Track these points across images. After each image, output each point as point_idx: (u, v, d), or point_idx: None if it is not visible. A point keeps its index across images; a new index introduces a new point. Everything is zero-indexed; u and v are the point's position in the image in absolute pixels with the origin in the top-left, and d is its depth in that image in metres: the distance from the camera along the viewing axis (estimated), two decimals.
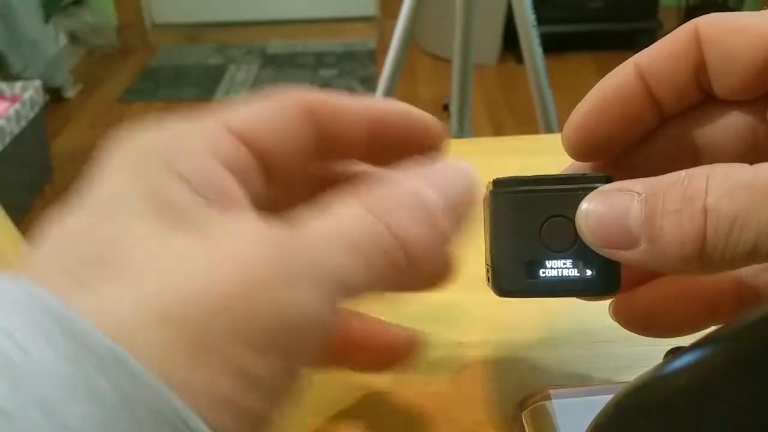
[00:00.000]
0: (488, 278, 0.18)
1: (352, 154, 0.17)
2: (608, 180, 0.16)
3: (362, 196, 0.14)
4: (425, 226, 0.14)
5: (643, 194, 0.15)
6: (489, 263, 0.17)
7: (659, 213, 0.14)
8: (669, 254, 0.14)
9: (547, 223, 0.16)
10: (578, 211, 0.16)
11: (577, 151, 0.18)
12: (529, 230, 0.17)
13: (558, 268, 0.17)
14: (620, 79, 0.18)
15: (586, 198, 0.16)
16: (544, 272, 0.17)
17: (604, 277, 0.17)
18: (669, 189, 0.14)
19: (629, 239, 0.15)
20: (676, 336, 0.19)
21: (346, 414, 0.23)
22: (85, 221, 0.13)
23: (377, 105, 0.17)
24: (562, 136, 0.18)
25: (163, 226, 0.12)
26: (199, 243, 0.12)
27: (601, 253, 0.16)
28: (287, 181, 0.16)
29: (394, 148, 0.17)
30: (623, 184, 0.15)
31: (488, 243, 0.17)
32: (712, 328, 0.15)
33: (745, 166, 0.14)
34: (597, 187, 0.16)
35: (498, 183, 0.17)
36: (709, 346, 0.14)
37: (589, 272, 0.16)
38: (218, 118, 0.15)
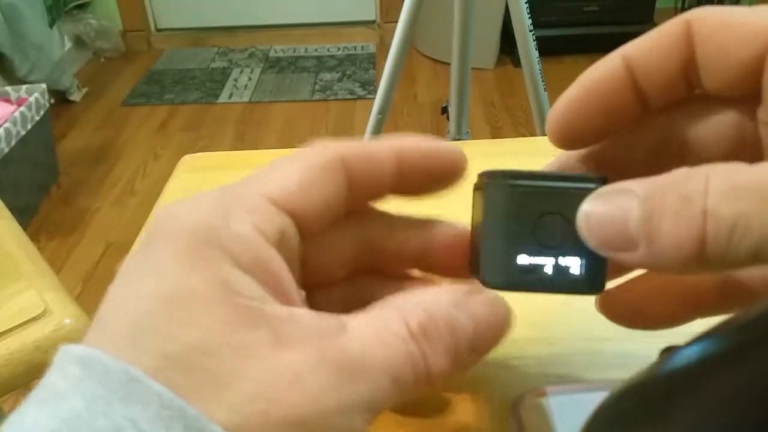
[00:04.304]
0: (472, 269, 0.18)
1: (381, 194, 0.18)
2: (605, 181, 0.16)
3: (405, 308, 0.15)
4: (452, 357, 0.15)
5: (642, 195, 0.14)
6: (478, 254, 0.17)
7: (657, 215, 0.14)
8: (668, 257, 0.14)
9: (541, 219, 0.16)
10: (579, 212, 0.16)
11: (559, 138, 0.18)
12: (523, 224, 0.16)
13: (547, 263, 0.16)
14: (607, 70, 0.17)
15: (587, 199, 0.16)
16: (532, 266, 0.16)
17: (592, 277, 0.16)
18: (668, 190, 0.14)
19: (629, 241, 0.14)
20: (663, 328, 0.19)
21: None
22: (156, 313, 0.14)
23: (405, 144, 0.18)
24: (546, 122, 0.18)
25: (240, 326, 0.14)
26: (276, 354, 0.14)
27: (601, 255, 0.16)
28: (319, 233, 0.17)
29: (420, 179, 0.18)
30: (624, 185, 0.15)
31: (478, 233, 0.17)
32: (709, 322, 0.14)
33: (746, 165, 0.13)
34: (593, 187, 0.16)
35: (491, 175, 0.17)
36: (704, 344, 0.14)
37: (577, 270, 0.16)
38: (257, 186, 0.16)
